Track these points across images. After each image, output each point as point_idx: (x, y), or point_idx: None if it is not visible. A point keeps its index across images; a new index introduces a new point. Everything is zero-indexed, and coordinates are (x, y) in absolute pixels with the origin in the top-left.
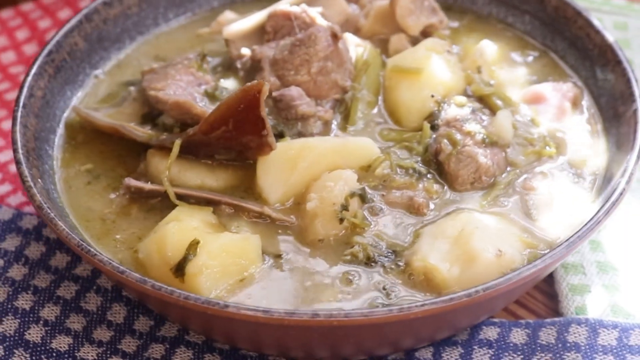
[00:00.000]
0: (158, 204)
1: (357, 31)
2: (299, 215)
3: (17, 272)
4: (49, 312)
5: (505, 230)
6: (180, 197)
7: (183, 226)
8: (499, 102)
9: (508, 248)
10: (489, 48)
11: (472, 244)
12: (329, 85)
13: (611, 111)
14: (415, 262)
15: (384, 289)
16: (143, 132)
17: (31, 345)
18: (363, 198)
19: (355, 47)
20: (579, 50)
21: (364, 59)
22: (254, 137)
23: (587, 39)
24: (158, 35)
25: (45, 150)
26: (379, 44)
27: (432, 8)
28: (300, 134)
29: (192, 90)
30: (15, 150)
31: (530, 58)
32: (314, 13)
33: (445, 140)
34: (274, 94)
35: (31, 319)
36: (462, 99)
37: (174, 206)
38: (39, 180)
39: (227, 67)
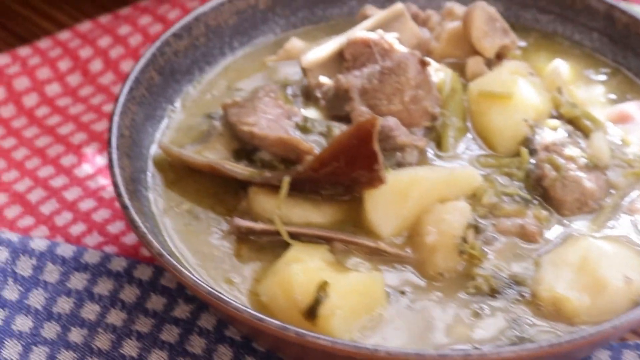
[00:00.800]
0: (268, 244)
1: (428, 54)
2: (414, 248)
3: (116, 317)
4: (157, 358)
5: (624, 256)
6: (292, 235)
7: (307, 267)
8: (588, 124)
9: (634, 274)
10: (562, 67)
11: (600, 271)
12: (420, 113)
13: None
14: (543, 292)
15: (515, 321)
16: (243, 170)
17: None
18: (477, 229)
19: (435, 71)
20: None
21: (450, 84)
22: (364, 172)
23: None
24: (226, 66)
25: (141, 191)
26: (451, 67)
27: (504, 29)
28: (399, 164)
29: (283, 123)
30: (119, 195)
31: (603, 76)
32: (392, 39)
33: (548, 166)
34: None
35: None
36: (555, 122)
37: (285, 245)
38: (147, 224)
39: (306, 96)
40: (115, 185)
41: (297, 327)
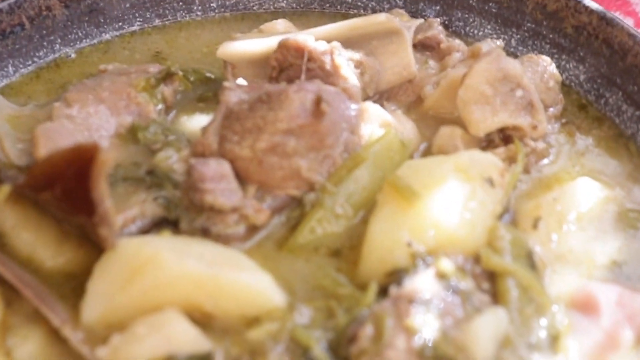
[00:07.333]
0: None
1: (418, 102)
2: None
3: None
4: None
5: None
6: None
7: None
8: (513, 291)
9: None
10: (585, 191)
11: None
12: (285, 172)
13: None
14: None
15: None
16: (5, 157)
17: None
18: None
19: (380, 127)
20: None
21: (371, 150)
22: (87, 220)
23: None
24: (185, 24)
25: None
26: (436, 130)
27: (529, 103)
28: (204, 231)
29: (110, 119)
30: None
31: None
32: (342, 59)
33: (370, 327)
34: (191, 161)
35: None
36: (449, 267)
37: None
38: None
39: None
40: None
41: None
